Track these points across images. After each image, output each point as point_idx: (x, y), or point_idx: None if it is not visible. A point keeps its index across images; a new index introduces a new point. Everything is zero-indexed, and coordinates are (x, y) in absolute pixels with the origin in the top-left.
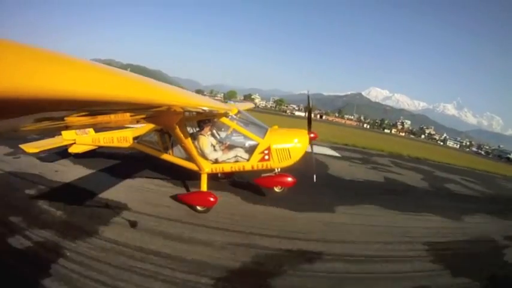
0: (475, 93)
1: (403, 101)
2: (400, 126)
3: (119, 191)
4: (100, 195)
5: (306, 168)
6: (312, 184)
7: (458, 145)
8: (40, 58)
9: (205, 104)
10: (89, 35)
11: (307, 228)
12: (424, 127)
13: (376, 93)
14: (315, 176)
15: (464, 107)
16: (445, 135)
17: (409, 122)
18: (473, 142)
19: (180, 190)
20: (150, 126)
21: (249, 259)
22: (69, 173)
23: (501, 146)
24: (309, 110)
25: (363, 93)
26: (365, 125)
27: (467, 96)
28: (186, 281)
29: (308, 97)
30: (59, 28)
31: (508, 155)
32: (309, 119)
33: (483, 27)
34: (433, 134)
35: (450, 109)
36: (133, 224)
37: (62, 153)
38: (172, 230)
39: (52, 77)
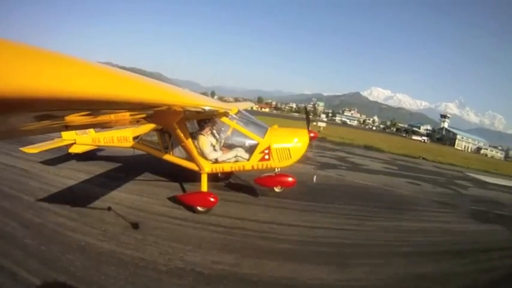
0: (478, 92)
1: (404, 100)
2: (311, 109)
3: None
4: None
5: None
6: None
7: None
8: (40, 58)
9: (205, 103)
10: (87, 38)
11: None
12: (347, 109)
13: (378, 93)
14: (315, 177)
15: (466, 106)
16: (370, 118)
17: (322, 104)
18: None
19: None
20: (150, 125)
21: None
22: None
23: (461, 131)
24: (306, 111)
25: (364, 93)
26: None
27: (469, 95)
28: None
29: (306, 109)
30: (56, 33)
31: (416, 129)
32: (307, 120)
33: (486, 25)
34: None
35: (452, 108)
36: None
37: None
38: None
39: (52, 76)
